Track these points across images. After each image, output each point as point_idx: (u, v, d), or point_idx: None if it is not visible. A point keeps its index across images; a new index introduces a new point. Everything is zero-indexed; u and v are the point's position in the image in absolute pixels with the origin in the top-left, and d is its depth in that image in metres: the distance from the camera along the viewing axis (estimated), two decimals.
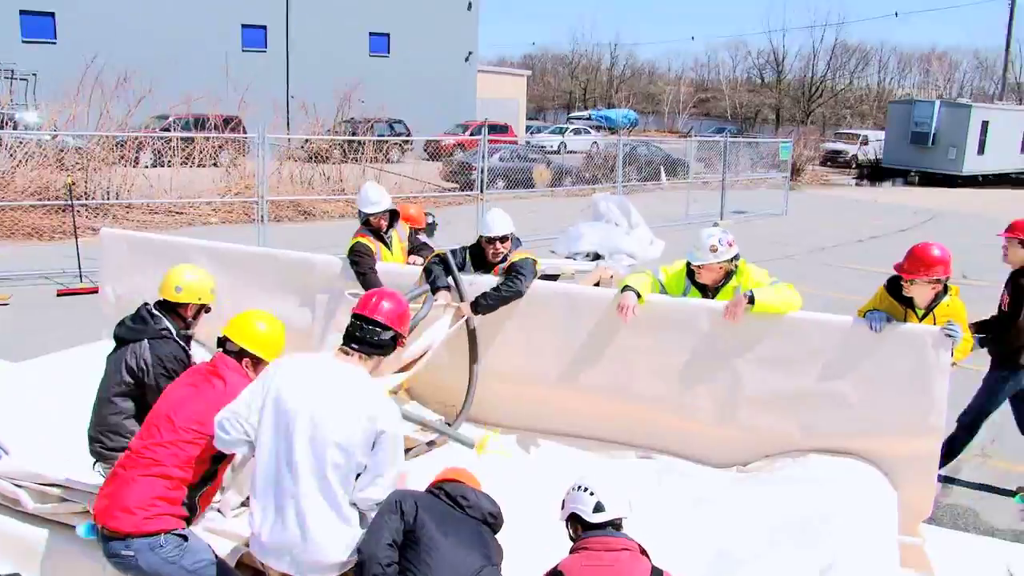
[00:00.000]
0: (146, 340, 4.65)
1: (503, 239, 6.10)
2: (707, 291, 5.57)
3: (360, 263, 6.23)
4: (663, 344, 5.50)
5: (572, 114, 69.11)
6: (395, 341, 3.80)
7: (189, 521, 3.89)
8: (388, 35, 40.58)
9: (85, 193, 16.93)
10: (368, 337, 3.71)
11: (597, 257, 14.96)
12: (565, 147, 35.34)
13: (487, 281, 5.92)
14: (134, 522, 3.70)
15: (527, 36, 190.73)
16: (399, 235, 7.05)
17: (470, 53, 43.82)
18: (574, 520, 3.65)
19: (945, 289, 5.37)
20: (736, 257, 5.46)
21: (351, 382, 3.63)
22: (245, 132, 20.64)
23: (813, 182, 37.53)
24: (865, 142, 46.60)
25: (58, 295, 12.03)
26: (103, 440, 4.62)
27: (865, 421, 5.03)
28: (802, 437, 5.16)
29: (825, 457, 5.05)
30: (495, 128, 28.43)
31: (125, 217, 17.70)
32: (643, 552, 3.53)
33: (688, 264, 5.60)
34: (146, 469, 3.78)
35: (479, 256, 6.23)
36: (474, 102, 43.12)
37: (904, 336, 5.06)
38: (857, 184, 39.79)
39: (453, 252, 6.20)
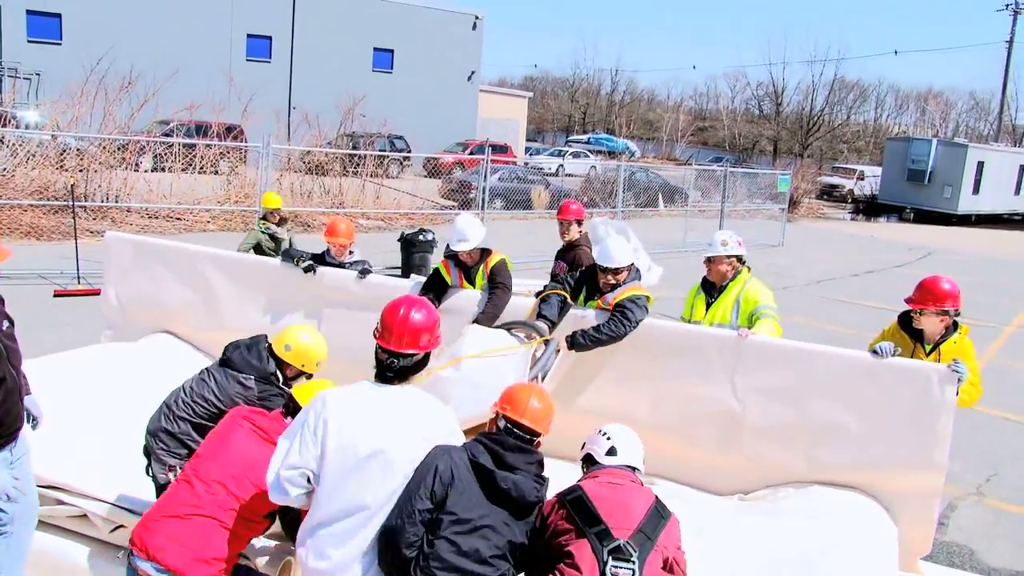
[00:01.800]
0: (254, 377, 4.64)
1: (617, 271, 5.77)
2: (712, 291, 6.06)
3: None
4: (667, 370, 5.51)
5: (571, 137, 69.37)
6: (427, 356, 3.67)
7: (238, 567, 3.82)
8: (392, 51, 40.77)
9: (84, 195, 16.90)
10: (401, 368, 3.56)
11: None
12: (564, 170, 35.45)
13: (592, 316, 5.80)
14: (189, 564, 3.57)
15: (529, 58, 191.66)
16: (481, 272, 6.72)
17: (473, 72, 44.01)
18: (588, 461, 3.80)
19: (955, 326, 5.40)
20: (742, 260, 6.06)
21: (404, 407, 3.51)
22: (246, 141, 20.66)
23: (809, 215, 37.70)
24: (861, 177, 46.90)
25: (55, 296, 11.97)
26: (165, 443, 4.56)
27: (868, 455, 5.03)
28: (805, 468, 5.16)
29: (828, 490, 5.05)
30: (495, 148, 28.50)
31: (124, 221, 17.66)
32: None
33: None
34: (222, 523, 3.69)
35: (592, 283, 5.96)
36: (475, 121, 43.28)
37: (910, 372, 5.07)
38: (852, 219, 39.97)
39: (572, 276, 6.10)
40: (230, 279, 6.91)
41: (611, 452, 3.73)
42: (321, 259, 6.88)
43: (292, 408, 4.11)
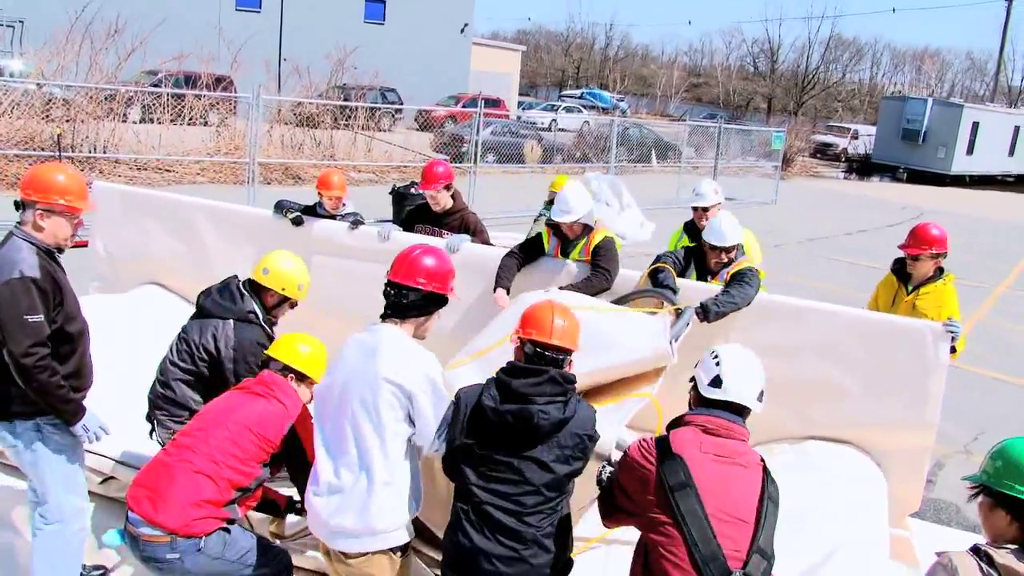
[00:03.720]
0: (232, 320, 4.49)
1: (728, 250, 5.54)
2: (699, 236, 5.88)
3: (502, 265, 5.73)
4: None
5: (564, 92, 68.89)
6: (432, 299, 3.59)
7: (231, 521, 3.77)
8: (384, 2, 40.20)
9: (71, 146, 16.64)
10: (396, 301, 3.58)
11: None
12: (556, 124, 35.20)
13: (708, 289, 5.43)
14: (183, 520, 3.54)
15: (523, 11, 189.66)
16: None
17: (466, 25, 43.50)
18: (694, 386, 3.31)
19: (941, 272, 5.75)
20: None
21: (375, 347, 3.49)
22: (236, 92, 20.40)
23: (803, 173, 37.65)
24: (855, 136, 46.82)
25: None
26: (167, 409, 4.51)
27: (861, 412, 5.03)
28: (799, 426, 5.16)
29: (822, 444, 5.07)
30: (488, 102, 28.25)
31: (112, 172, 17.45)
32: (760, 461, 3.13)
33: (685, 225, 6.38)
34: (196, 467, 3.64)
35: (700, 262, 5.73)
36: (467, 75, 42.86)
37: (904, 330, 5.07)
38: (846, 177, 39.95)
39: (675, 255, 5.79)
40: (220, 230, 6.83)
41: (715, 383, 3.17)
42: (313, 211, 6.80)
43: (266, 361, 4.14)
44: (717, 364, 3.21)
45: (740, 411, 3.18)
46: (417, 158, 23.07)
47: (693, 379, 3.33)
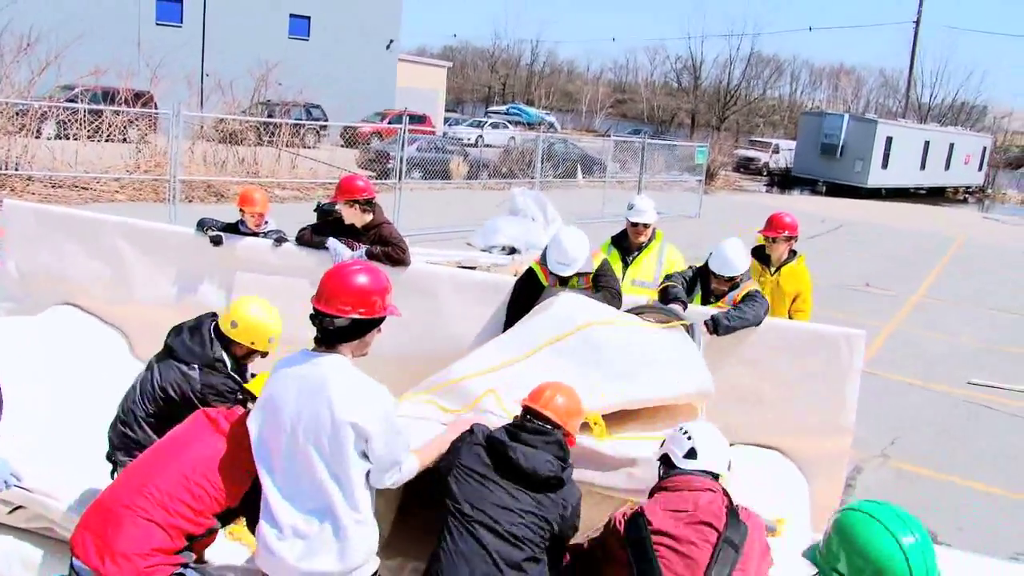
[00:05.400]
0: (197, 366, 4.31)
1: (731, 279, 5.57)
2: (630, 249, 6.31)
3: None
4: None
5: (490, 108, 69.15)
6: (362, 323, 3.35)
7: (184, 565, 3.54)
8: (309, 18, 39.86)
9: None
10: (324, 329, 3.35)
11: (513, 251, 15.10)
12: (483, 140, 35.31)
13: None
14: (134, 572, 3.30)
15: (449, 27, 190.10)
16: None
17: (391, 41, 43.37)
18: (666, 462, 3.47)
19: (794, 254, 6.57)
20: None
21: (324, 383, 3.29)
22: (156, 108, 20.00)
23: (726, 187, 38.36)
24: (776, 151, 47.97)
25: None
26: (126, 449, 4.30)
27: (780, 419, 5.15)
28: (722, 433, 5.23)
29: (748, 448, 5.16)
30: (414, 118, 28.20)
31: (24, 190, 16.92)
32: (729, 500, 3.31)
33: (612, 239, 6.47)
34: (147, 514, 3.38)
35: (706, 285, 5.76)
36: (394, 91, 42.68)
37: (818, 337, 5.22)
38: (768, 191, 40.85)
39: (683, 276, 5.79)
40: (139, 249, 6.66)
41: (691, 455, 3.37)
42: (235, 229, 6.69)
43: (245, 398, 3.92)
44: (689, 439, 3.42)
45: (715, 478, 3.39)
46: (343, 175, 22.86)
47: (661, 459, 3.50)
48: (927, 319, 13.90)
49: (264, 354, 4.46)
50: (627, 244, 6.37)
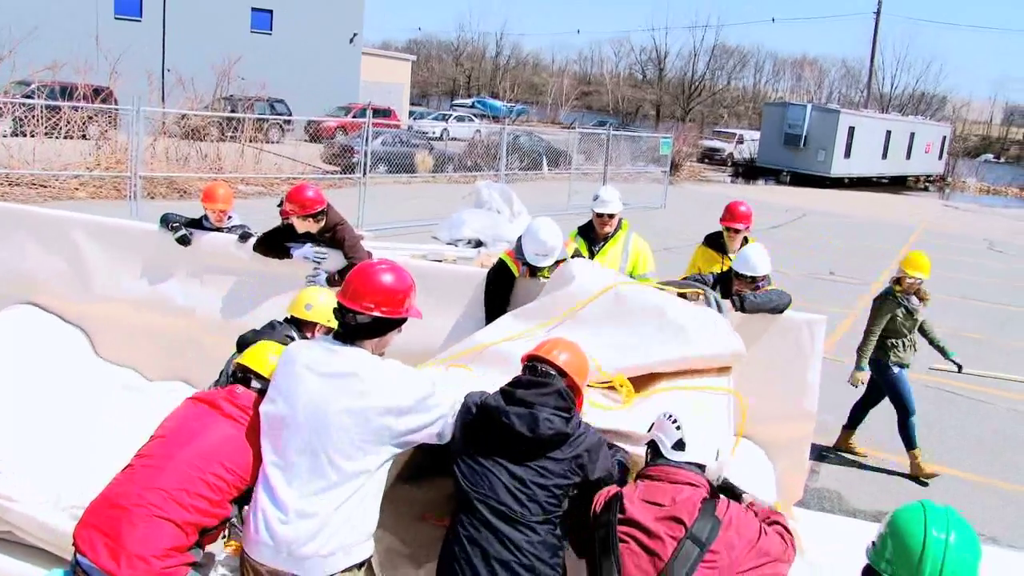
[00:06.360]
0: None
1: (753, 279, 5.68)
2: (596, 239, 6.43)
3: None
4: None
5: (455, 101, 68.96)
6: (385, 322, 3.44)
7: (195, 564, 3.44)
8: (271, 12, 39.47)
9: None
10: (347, 324, 3.44)
11: (479, 244, 15.08)
12: (448, 134, 35.21)
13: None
14: (151, 574, 3.21)
15: (413, 21, 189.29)
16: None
17: (355, 35, 43.09)
18: (653, 449, 3.44)
19: (746, 240, 6.73)
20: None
21: (354, 375, 3.35)
22: (117, 104, 19.73)
23: (691, 178, 38.59)
24: (741, 141, 48.34)
25: None
26: None
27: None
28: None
29: None
30: (378, 112, 28.04)
31: None
32: (712, 494, 3.29)
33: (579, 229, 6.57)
34: (160, 511, 3.29)
35: (726, 289, 5.78)
36: (358, 85, 42.46)
37: (780, 324, 5.26)
38: (732, 181, 41.12)
39: (703, 278, 5.87)
40: (101, 246, 6.57)
41: (679, 446, 3.35)
42: (199, 224, 6.62)
43: (245, 376, 3.84)
44: (678, 428, 3.38)
45: (701, 468, 3.38)
46: (308, 170, 22.74)
47: (649, 444, 3.48)
48: None
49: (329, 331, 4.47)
50: (593, 235, 6.46)
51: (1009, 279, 18.68)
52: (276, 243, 6.13)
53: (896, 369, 7.42)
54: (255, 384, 3.78)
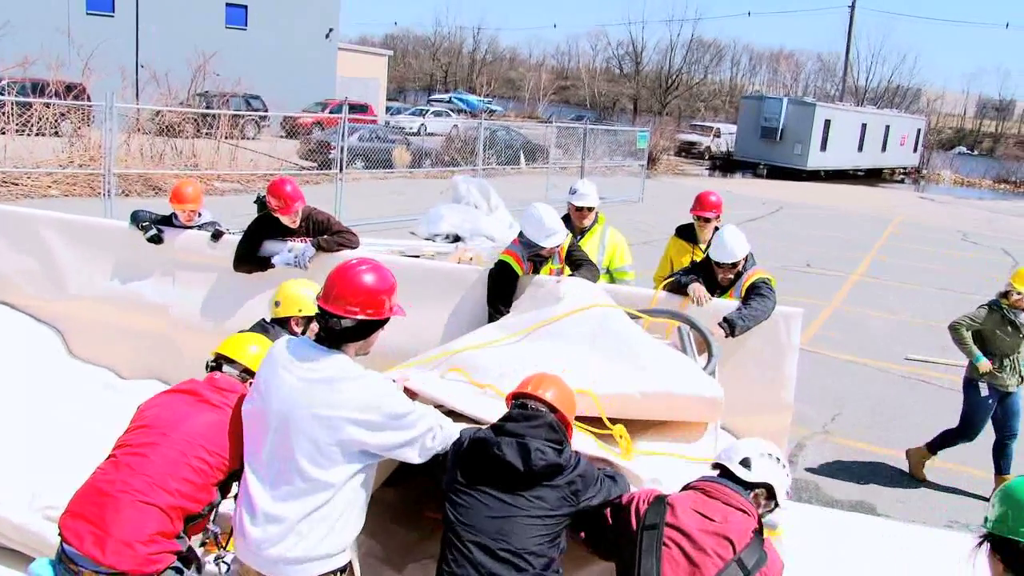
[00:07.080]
0: None
1: (734, 265, 5.61)
2: (572, 237, 6.08)
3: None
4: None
5: (433, 96, 68.79)
6: (368, 324, 3.34)
7: (181, 554, 3.40)
8: (246, 7, 39.23)
9: None
10: (330, 328, 3.32)
11: (457, 239, 15.05)
12: (425, 129, 35.11)
13: (727, 305, 5.41)
14: (135, 561, 3.18)
15: (389, 16, 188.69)
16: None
17: (331, 30, 42.91)
18: (719, 468, 3.43)
19: (716, 230, 6.33)
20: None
21: (330, 382, 3.27)
22: (90, 100, 19.52)
23: (668, 171, 38.68)
24: (718, 134, 48.46)
25: None
26: None
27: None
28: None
29: None
30: (355, 108, 27.91)
31: None
32: (760, 527, 3.25)
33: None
34: (145, 497, 3.27)
35: (709, 278, 5.68)
36: (334, 80, 42.27)
37: None
38: (710, 175, 41.26)
39: (686, 272, 5.79)
40: (73, 244, 6.51)
41: (746, 463, 3.35)
42: (168, 222, 6.54)
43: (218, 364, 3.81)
44: (744, 454, 3.39)
45: (769, 495, 3.37)
46: (284, 166, 22.59)
47: (714, 465, 3.47)
48: (866, 298, 14.17)
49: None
50: (570, 228, 6.41)
51: (983, 269, 18.88)
52: (254, 257, 6.05)
53: (985, 392, 6.72)
54: (229, 368, 3.77)
